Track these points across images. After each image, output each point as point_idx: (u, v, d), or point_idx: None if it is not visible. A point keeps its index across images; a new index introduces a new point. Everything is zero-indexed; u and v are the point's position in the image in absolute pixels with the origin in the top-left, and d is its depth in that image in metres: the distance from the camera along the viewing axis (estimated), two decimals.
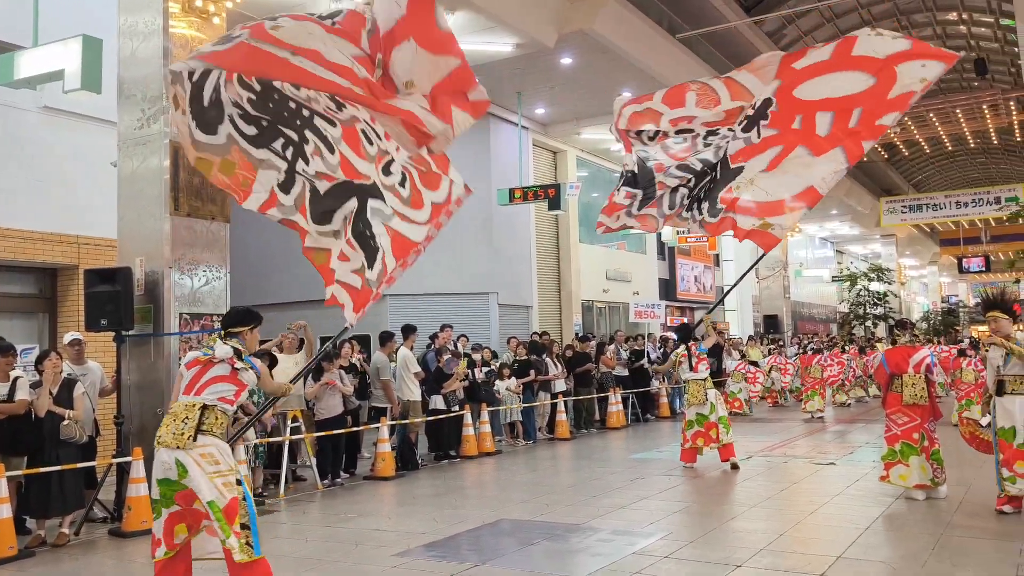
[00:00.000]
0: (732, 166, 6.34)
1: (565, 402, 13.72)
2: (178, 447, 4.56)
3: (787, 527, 6.82)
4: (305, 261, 5.28)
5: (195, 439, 4.58)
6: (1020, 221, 30.62)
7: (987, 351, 7.03)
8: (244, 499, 4.62)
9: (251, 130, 4.97)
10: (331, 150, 5.05)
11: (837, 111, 5.88)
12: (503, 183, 17.74)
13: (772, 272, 30.64)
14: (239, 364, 4.77)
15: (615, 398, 14.90)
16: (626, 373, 15.77)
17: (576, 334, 17.75)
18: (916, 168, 42.04)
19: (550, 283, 21.31)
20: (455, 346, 12.26)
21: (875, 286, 36.71)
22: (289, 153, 5.04)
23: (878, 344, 21.50)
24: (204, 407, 4.66)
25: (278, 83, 4.85)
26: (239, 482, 4.66)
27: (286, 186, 5.08)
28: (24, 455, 6.91)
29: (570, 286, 21.47)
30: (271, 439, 9.14)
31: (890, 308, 36.43)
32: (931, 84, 5.70)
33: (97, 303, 7.72)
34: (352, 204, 5.10)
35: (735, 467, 9.72)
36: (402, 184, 5.15)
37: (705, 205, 6.59)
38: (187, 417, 4.62)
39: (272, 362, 8.41)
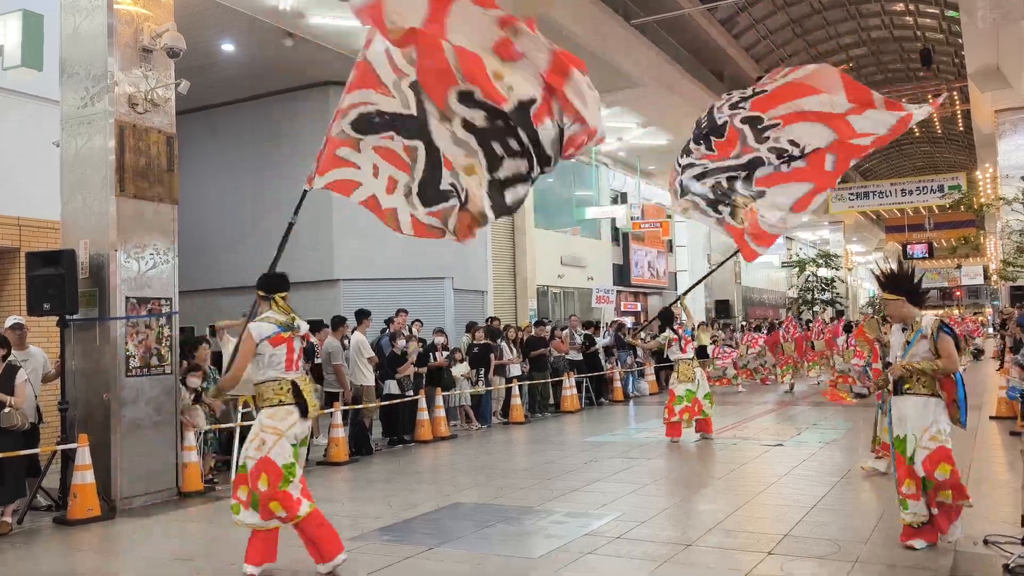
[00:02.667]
0: (755, 187, 6.56)
1: (520, 386, 13.78)
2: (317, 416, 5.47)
3: (736, 507, 6.96)
4: (257, 245, 5.32)
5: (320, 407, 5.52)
6: (962, 209, 31.53)
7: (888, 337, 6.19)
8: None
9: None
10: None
11: (839, 155, 6.46)
12: None
13: (724, 257, 31.09)
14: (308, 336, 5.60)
15: (569, 382, 15.00)
16: (580, 357, 15.88)
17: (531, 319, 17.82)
18: (863, 156, 42.90)
19: (505, 268, 21.32)
20: (409, 331, 12.22)
21: (823, 272, 37.49)
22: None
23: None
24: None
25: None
26: None
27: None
28: None
29: (525, 271, 21.51)
30: (222, 426, 9.02)
31: (837, 293, 37.23)
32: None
33: (39, 287, 7.50)
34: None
35: (706, 438, 10.62)
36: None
37: (726, 209, 6.79)
38: (311, 392, 5.41)
39: None
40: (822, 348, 17.86)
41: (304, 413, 5.22)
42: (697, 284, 10.96)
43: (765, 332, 20.41)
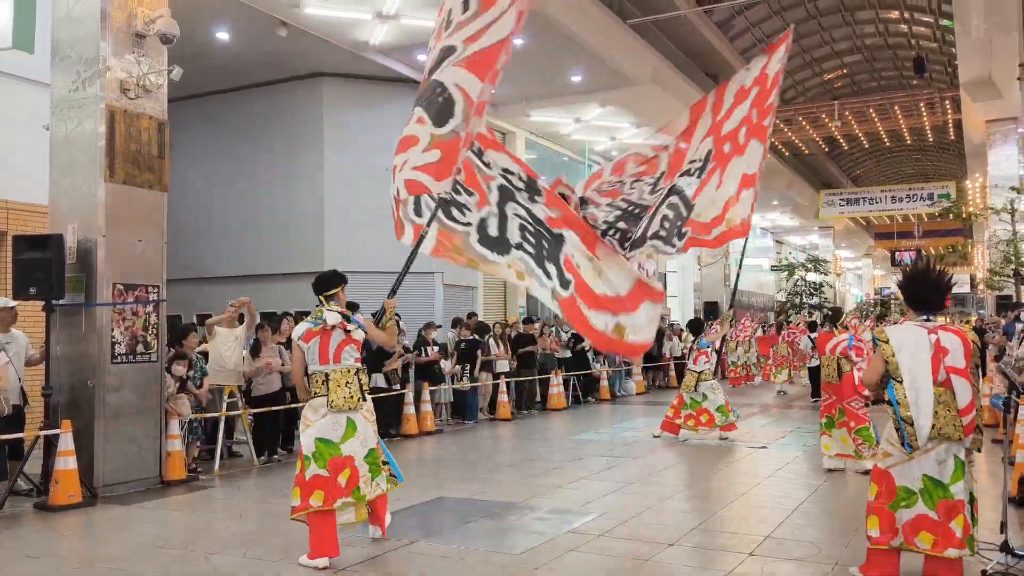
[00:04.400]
0: (691, 203, 6.58)
1: (507, 383, 13.78)
2: (351, 408, 5.36)
3: (719, 508, 6.98)
4: (246, 235, 5.27)
5: (364, 399, 5.46)
6: (951, 217, 31.68)
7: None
8: (379, 442, 5.59)
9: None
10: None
11: (748, 125, 6.55)
12: None
13: (714, 260, 31.13)
14: (349, 326, 5.48)
15: (557, 380, 15.02)
16: (569, 355, 15.91)
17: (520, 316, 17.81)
18: (855, 162, 43.13)
19: None
20: (397, 325, 12.20)
21: (812, 276, 37.62)
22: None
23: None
24: (357, 371, 5.48)
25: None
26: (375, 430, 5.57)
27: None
28: None
29: None
30: (207, 414, 8.99)
31: (825, 298, 37.38)
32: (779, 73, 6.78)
33: (26, 271, 7.45)
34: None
35: (724, 438, 10.80)
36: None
37: (661, 237, 6.74)
38: (348, 382, 5.39)
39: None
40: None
41: (330, 404, 5.34)
42: (734, 294, 10.96)
43: (761, 331, 20.80)
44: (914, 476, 4.47)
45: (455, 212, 5.34)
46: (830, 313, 9.89)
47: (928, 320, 4.55)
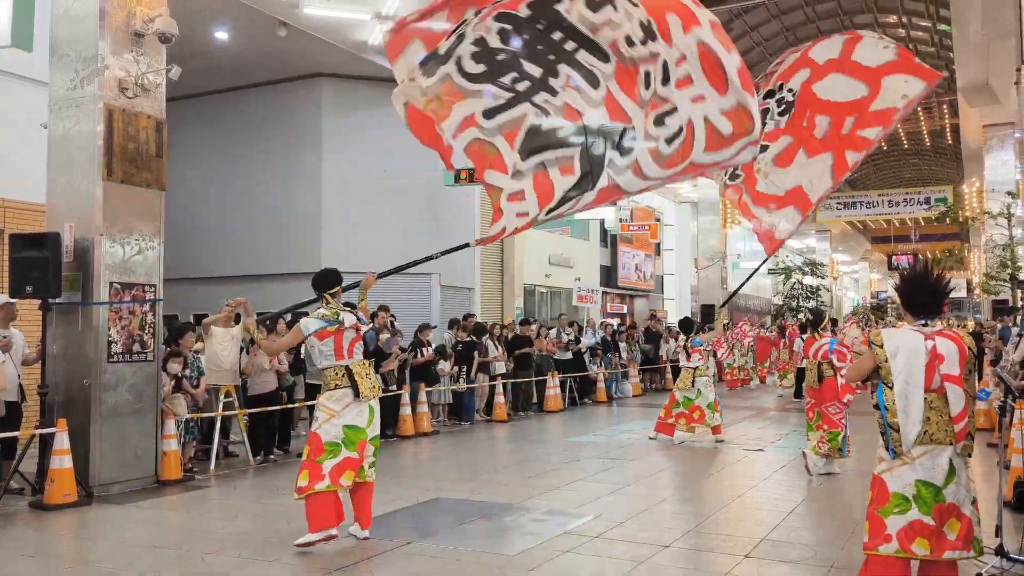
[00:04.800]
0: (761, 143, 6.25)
1: (504, 384, 13.78)
2: (374, 397, 5.80)
3: (715, 510, 6.99)
4: (243, 235, 5.26)
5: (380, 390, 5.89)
6: (947, 221, 31.77)
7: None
8: None
9: (477, 68, 5.19)
10: (595, 84, 5.06)
11: (834, 117, 6.09)
12: None
13: (711, 262, 31.17)
14: (362, 327, 5.92)
15: (553, 382, 15.02)
16: (569, 356, 15.92)
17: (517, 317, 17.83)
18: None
19: (493, 266, 21.32)
20: (392, 326, 12.20)
21: (808, 280, 37.66)
22: (522, 86, 5.19)
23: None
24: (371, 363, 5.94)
25: (554, 9, 4.92)
26: None
27: (494, 112, 5.24)
28: None
29: (513, 270, 21.52)
30: (203, 414, 8.98)
31: (822, 301, 37.41)
32: (914, 103, 5.86)
33: (23, 269, 7.43)
34: (576, 150, 5.15)
35: (720, 441, 10.84)
36: (670, 140, 4.99)
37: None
38: (369, 374, 5.83)
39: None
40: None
41: (357, 395, 5.69)
42: (731, 296, 10.98)
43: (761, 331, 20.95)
44: (907, 482, 4.45)
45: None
46: (811, 317, 9.78)
47: (925, 325, 4.54)
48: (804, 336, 14.70)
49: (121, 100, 7.87)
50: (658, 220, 28.63)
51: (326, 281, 5.95)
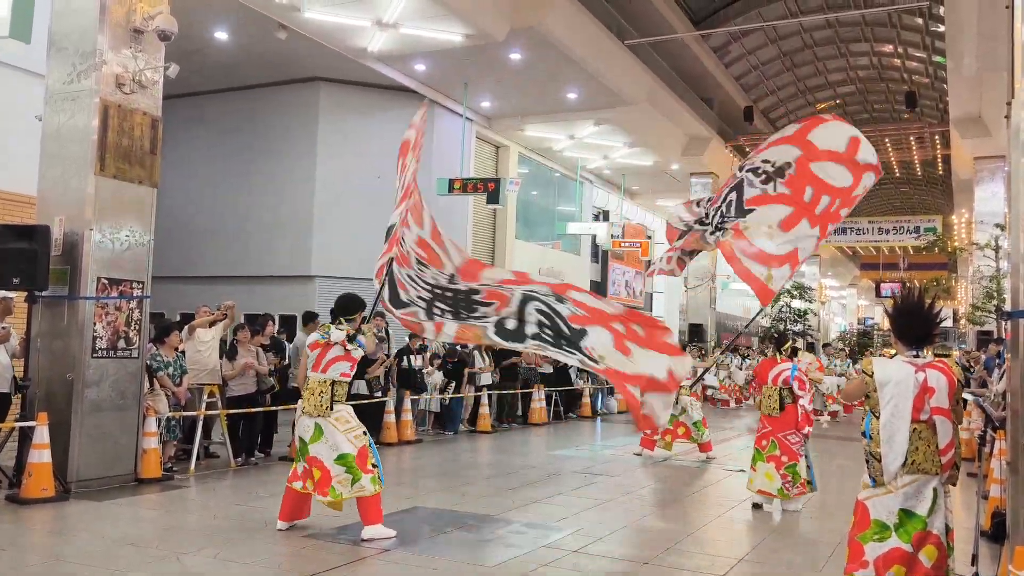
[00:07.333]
0: (745, 207, 6.62)
1: (489, 395, 13.76)
2: (319, 415, 6.01)
3: (694, 528, 6.99)
4: (234, 236, 5.30)
5: (332, 408, 6.03)
6: (936, 251, 31.99)
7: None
8: (370, 445, 6.09)
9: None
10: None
11: (832, 198, 6.39)
12: (443, 173, 17.68)
13: (700, 282, 31.25)
14: (350, 345, 6.10)
15: (539, 394, 15.01)
16: (551, 370, 15.91)
17: None
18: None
19: None
20: (385, 332, 12.18)
21: (796, 303, 37.80)
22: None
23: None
24: (333, 382, 6.08)
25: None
26: (365, 433, 6.12)
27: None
28: None
29: None
30: (185, 413, 8.94)
31: (809, 325, 37.55)
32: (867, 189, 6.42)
33: (10, 260, 7.39)
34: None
35: (709, 459, 10.95)
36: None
37: (716, 230, 6.85)
38: (322, 392, 6.05)
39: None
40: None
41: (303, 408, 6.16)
42: (748, 325, 10.98)
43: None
44: (890, 510, 4.47)
45: (477, 311, 5.91)
46: (775, 337, 9.25)
47: (917, 356, 4.55)
48: (796, 358, 14.65)
49: (117, 96, 7.86)
50: (649, 238, 28.73)
51: (346, 306, 6.37)
